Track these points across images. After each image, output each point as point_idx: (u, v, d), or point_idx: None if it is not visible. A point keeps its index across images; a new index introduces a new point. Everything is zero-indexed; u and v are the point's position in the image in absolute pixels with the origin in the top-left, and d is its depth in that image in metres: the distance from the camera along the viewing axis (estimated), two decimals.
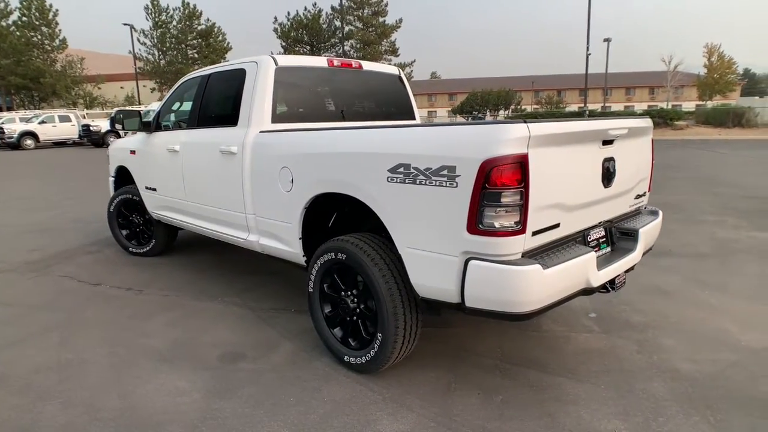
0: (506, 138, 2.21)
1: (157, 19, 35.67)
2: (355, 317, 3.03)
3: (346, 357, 3.06)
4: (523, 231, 2.28)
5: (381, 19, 32.18)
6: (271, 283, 4.74)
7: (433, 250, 2.49)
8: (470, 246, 2.33)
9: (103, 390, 2.95)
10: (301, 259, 3.45)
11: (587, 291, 2.62)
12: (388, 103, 4.54)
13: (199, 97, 4.37)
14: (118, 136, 21.09)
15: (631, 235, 3.05)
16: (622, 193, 3.05)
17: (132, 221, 5.72)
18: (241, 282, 4.76)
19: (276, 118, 3.70)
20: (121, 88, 49.40)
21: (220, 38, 36.58)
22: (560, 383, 2.93)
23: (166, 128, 4.94)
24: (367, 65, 4.38)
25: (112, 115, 5.67)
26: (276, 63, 3.72)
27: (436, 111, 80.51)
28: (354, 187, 2.81)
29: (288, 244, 3.47)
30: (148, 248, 5.60)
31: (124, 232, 5.80)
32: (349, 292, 3.03)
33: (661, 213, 3.51)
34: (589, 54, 29.49)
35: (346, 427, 2.55)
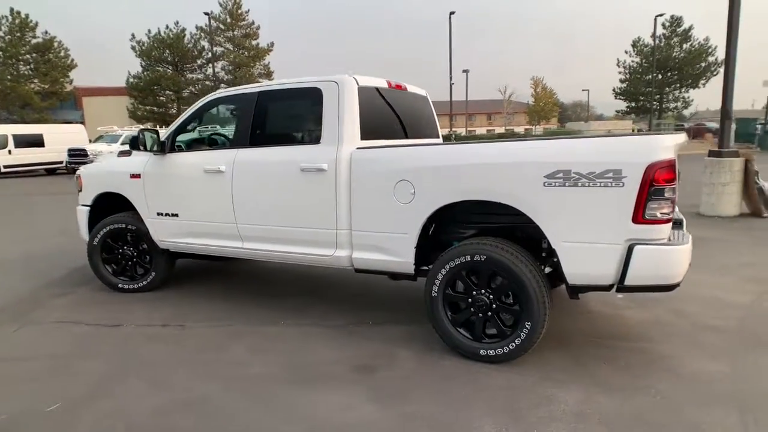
0: (663, 146, 2.80)
1: None
2: (489, 312, 3.32)
3: (482, 351, 3.32)
4: (671, 219, 2.88)
5: (254, 42, 31.63)
6: (316, 302, 4.69)
7: (593, 241, 2.96)
8: (634, 234, 2.85)
9: (270, 420, 2.81)
10: (409, 268, 3.63)
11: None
12: (423, 121, 4.90)
13: (248, 115, 4.25)
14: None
15: (679, 223, 3.85)
16: None
17: (122, 254, 5.12)
18: (283, 305, 4.63)
19: (363, 135, 3.85)
20: None
21: (61, 54, 32.35)
22: (648, 347, 3.56)
23: (180, 149, 4.64)
24: (408, 87, 4.71)
25: (133, 134, 4.88)
26: (357, 83, 3.88)
27: None
28: (503, 194, 3.15)
29: (397, 255, 3.62)
30: (144, 283, 5.07)
31: (110, 268, 5.17)
32: (483, 290, 3.33)
33: None
34: (452, 83, 32.72)
35: (536, 404, 2.84)
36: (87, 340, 3.99)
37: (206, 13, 30.02)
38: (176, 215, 4.63)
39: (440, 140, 5.18)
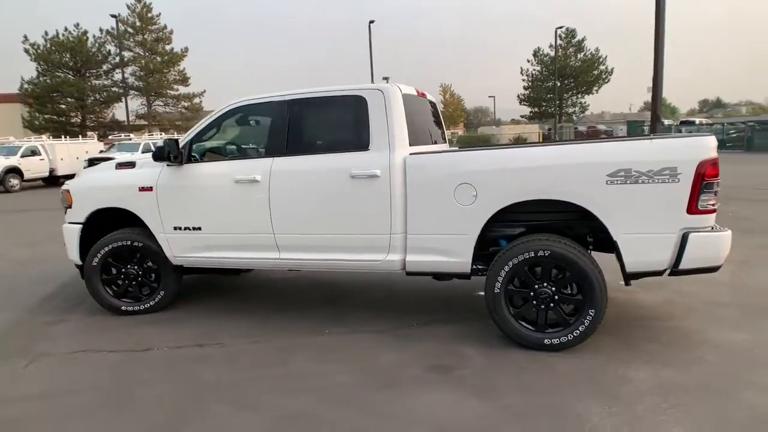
0: (710, 146, 3.22)
1: None
2: (552, 304, 3.56)
3: (546, 340, 3.55)
4: (716, 209, 3.30)
5: (168, 47, 29.75)
6: (345, 309, 4.68)
7: (652, 231, 3.30)
8: (689, 223, 3.24)
9: (390, 425, 2.81)
10: (466, 268, 3.77)
11: None
12: (435, 126, 5.07)
13: (281, 123, 4.15)
14: None
15: None
16: None
17: (125, 274, 4.73)
18: (313, 314, 4.56)
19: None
20: None
21: None
22: (677, 324, 4.01)
23: (195, 159, 4.43)
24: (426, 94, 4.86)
25: (158, 144, 4.38)
26: (401, 91, 3.97)
27: None
28: (569, 192, 3.40)
29: (455, 256, 3.74)
30: (151, 303, 4.73)
31: (110, 290, 4.75)
32: (545, 284, 3.56)
33: None
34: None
35: (618, 383, 3.11)
36: (124, 367, 3.68)
37: (113, 16, 27.81)
38: (199, 229, 4.38)
39: (447, 144, 5.38)
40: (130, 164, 4.75)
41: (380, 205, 3.83)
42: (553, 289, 3.55)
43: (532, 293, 3.59)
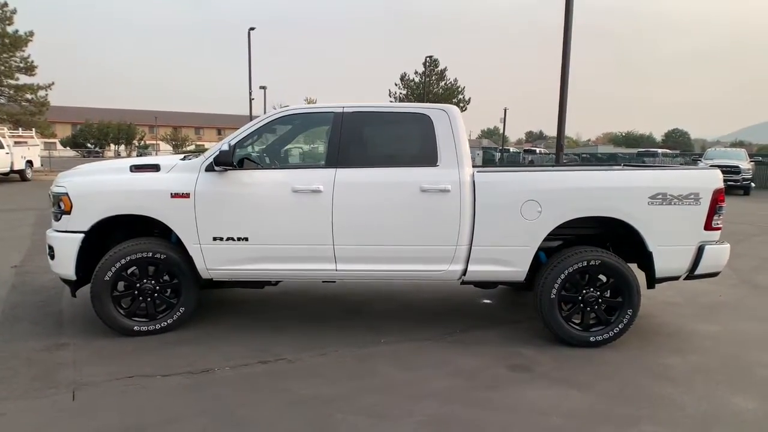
0: (720, 177, 4.12)
1: None
2: (597, 306, 4.15)
3: (591, 338, 4.13)
4: (722, 227, 4.21)
5: (10, 28, 24.70)
6: (379, 319, 4.76)
7: (678, 244, 4.09)
8: (704, 238, 4.09)
9: (528, 418, 3.07)
10: (523, 276, 4.20)
11: None
12: None
13: (342, 135, 4.15)
14: None
15: None
16: None
17: (140, 290, 4.20)
18: (352, 326, 4.57)
19: None
20: None
21: None
22: (660, 321, 4.91)
23: (238, 167, 4.19)
24: None
25: (224, 148, 3.70)
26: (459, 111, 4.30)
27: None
28: (618, 211, 4.03)
29: (515, 266, 4.14)
30: (170, 321, 4.27)
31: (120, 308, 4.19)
32: (592, 288, 4.14)
33: None
34: (253, 99, 32.23)
35: (668, 367, 3.79)
36: (202, 391, 3.35)
37: None
38: (245, 239, 4.12)
39: None
40: (153, 167, 4.26)
41: (449, 218, 4.07)
42: (598, 293, 4.14)
43: (580, 297, 4.14)
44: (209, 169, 4.13)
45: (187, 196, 4.09)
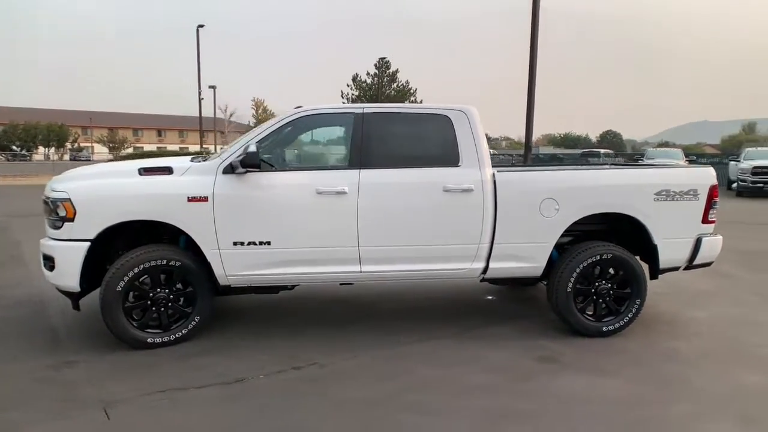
0: (714, 174, 4.45)
1: None
2: (608, 298, 4.37)
3: (604, 327, 4.34)
4: (716, 221, 4.53)
5: None
6: (393, 322, 4.77)
7: (679, 237, 4.38)
8: (701, 230, 4.40)
9: (579, 402, 3.20)
10: (540, 271, 4.35)
11: None
12: None
13: (364, 136, 4.14)
14: None
15: None
16: None
17: (153, 299, 4.01)
18: (373, 327, 4.57)
19: None
20: None
21: None
22: (656, 311, 5.22)
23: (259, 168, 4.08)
24: None
25: (251, 149, 3.75)
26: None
27: None
28: (628, 207, 4.26)
29: (533, 261, 4.29)
30: (184, 331, 4.09)
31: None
32: (603, 281, 4.35)
33: None
34: (202, 99, 31.21)
35: (677, 350, 4.05)
36: (246, 401, 3.25)
37: None
38: (268, 243, 4.03)
39: None
40: (165, 170, 4.07)
41: (473, 217, 4.16)
42: (609, 285, 4.36)
43: (593, 290, 4.35)
44: (227, 171, 4.00)
45: (205, 199, 3.95)
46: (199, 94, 30.60)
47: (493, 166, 4.26)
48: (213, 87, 34.03)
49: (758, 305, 5.36)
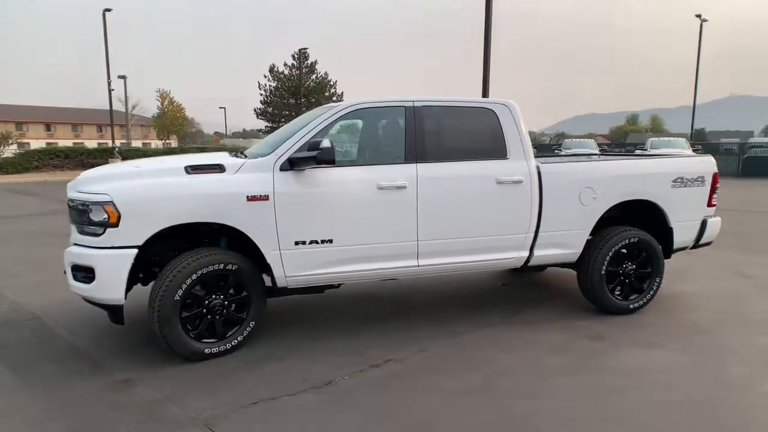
0: (715, 162, 4.99)
1: None
2: (632, 279, 4.76)
3: (631, 305, 4.74)
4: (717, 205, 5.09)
5: None
6: (426, 314, 4.85)
7: (690, 219, 4.87)
8: (706, 213, 4.94)
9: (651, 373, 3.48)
10: (576, 257, 4.64)
11: None
12: None
13: (417, 129, 4.13)
14: None
15: None
16: None
17: (209, 307, 3.74)
18: (419, 321, 4.61)
19: None
20: None
21: None
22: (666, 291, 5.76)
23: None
24: None
25: (326, 144, 3.53)
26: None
27: None
28: (651, 194, 4.66)
29: (572, 248, 4.56)
30: (239, 339, 3.88)
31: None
32: (629, 263, 4.73)
33: None
34: (113, 90, 28.71)
35: (691, 321, 4.52)
36: (342, 404, 3.16)
37: None
38: (330, 241, 3.90)
39: None
40: (215, 167, 3.79)
41: (522, 208, 4.33)
42: (634, 266, 4.76)
43: (621, 271, 4.71)
44: (284, 168, 3.82)
45: (266, 198, 3.74)
46: (109, 84, 28.09)
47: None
48: (123, 77, 31.32)
49: (730, 279, 6.07)
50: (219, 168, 3.80)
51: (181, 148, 32.21)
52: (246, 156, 4.27)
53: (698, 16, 31.04)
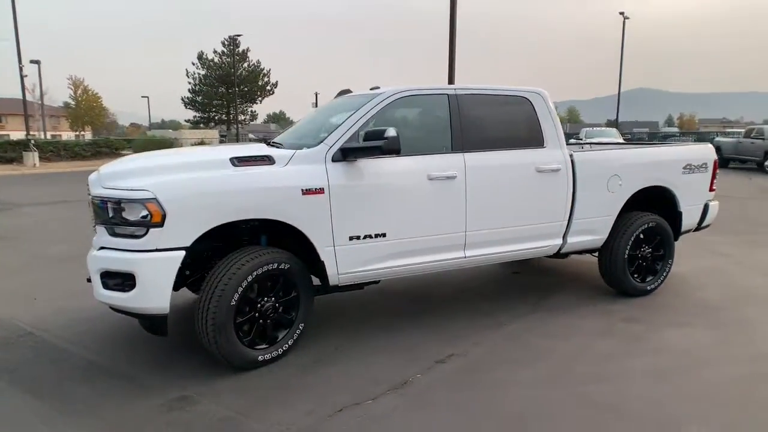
0: (714, 150, 5.32)
1: None
2: (649, 261, 4.99)
3: (648, 287, 4.97)
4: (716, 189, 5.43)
5: None
6: (464, 308, 4.82)
7: (695, 203, 5.18)
8: (708, 197, 5.27)
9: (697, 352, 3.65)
10: (601, 243, 4.77)
11: None
12: None
13: (461, 118, 4.04)
14: None
15: None
16: None
17: (262, 311, 3.45)
18: (456, 314, 4.56)
19: None
20: None
21: None
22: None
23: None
24: None
25: (392, 134, 3.37)
26: None
27: None
28: (666, 180, 4.88)
29: (600, 234, 4.69)
30: (290, 342, 3.64)
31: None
32: (646, 246, 4.95)
33: None
34: (25, 76, 25.99)
35: (708, 298, 4.83)
36: (425, 406, 3.04)
37: None
38: (383, 235, 3.73)
39: None
40: (265, 159, 3.48)
41: (559, 196, 4.39)
42: (650, 249, 4.98)
43: (639, 254, 4.92)
44: (336, 158, 3.59)
45: (321, 191, 3.50)
46: (21, 70, 25.38)
47: None
48: (36, 62, 28.36)
49: (713, 258, 6.53)
50: (268, 159, 3.50)
51: (106, 141, 29.78)
52: (281, 145, 3.98)
53: (621, 13, 33.25)
